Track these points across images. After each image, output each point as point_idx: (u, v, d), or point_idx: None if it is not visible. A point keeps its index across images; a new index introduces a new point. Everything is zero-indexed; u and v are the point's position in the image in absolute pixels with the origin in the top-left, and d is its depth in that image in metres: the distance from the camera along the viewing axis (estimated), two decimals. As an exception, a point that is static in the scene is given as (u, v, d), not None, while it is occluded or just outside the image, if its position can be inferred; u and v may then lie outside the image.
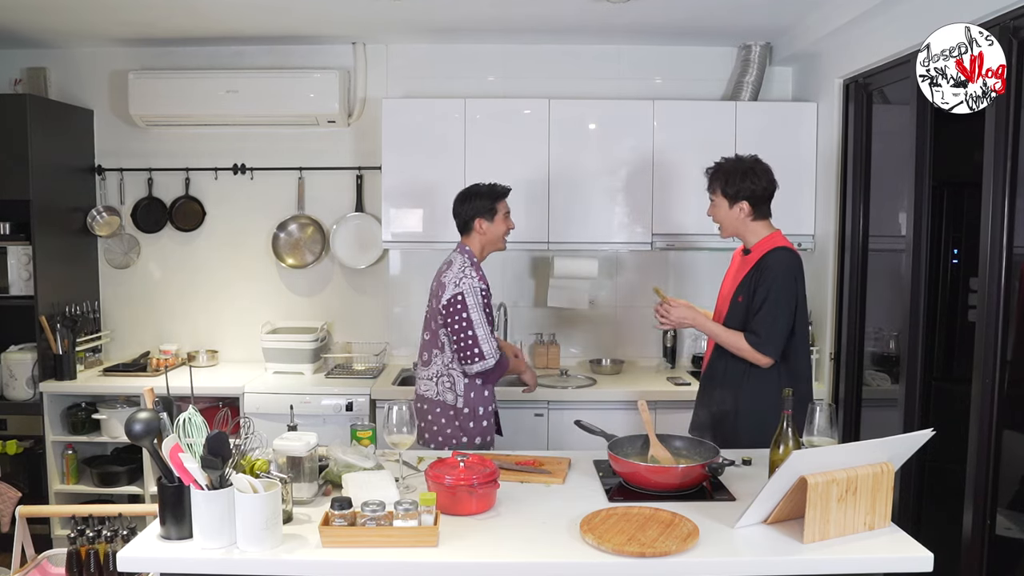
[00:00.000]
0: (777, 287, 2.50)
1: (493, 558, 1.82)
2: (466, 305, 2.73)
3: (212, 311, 4.19)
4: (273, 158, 4.09)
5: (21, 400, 3.69)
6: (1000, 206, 2.37)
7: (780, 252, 2.56)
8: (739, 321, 2.59)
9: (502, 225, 2.88)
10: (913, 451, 1.97)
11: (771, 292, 2.50)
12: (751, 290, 2.55)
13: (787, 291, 2.52)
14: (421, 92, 4.00)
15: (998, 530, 2.44)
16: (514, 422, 3.50)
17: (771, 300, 2.50)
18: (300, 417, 2.70)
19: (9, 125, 3.57)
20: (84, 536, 2.38)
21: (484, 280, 2.82)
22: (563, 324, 4.11)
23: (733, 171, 2.60)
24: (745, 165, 2.61)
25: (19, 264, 3.66)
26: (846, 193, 3.45)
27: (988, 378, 2.42)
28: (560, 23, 3.66)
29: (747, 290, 2.57)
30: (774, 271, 2.51)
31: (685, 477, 2.15)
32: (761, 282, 2.52)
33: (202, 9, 3.43)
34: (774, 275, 2.51)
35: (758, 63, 3.85)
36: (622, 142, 3.70)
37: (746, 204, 2.60)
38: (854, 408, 3.40)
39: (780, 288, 2.50)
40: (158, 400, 2.05)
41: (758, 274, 2.54)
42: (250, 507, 1.78)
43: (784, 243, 2.61)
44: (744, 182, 2.58)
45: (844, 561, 1.80)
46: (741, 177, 2.59)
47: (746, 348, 2.54)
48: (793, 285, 2.53)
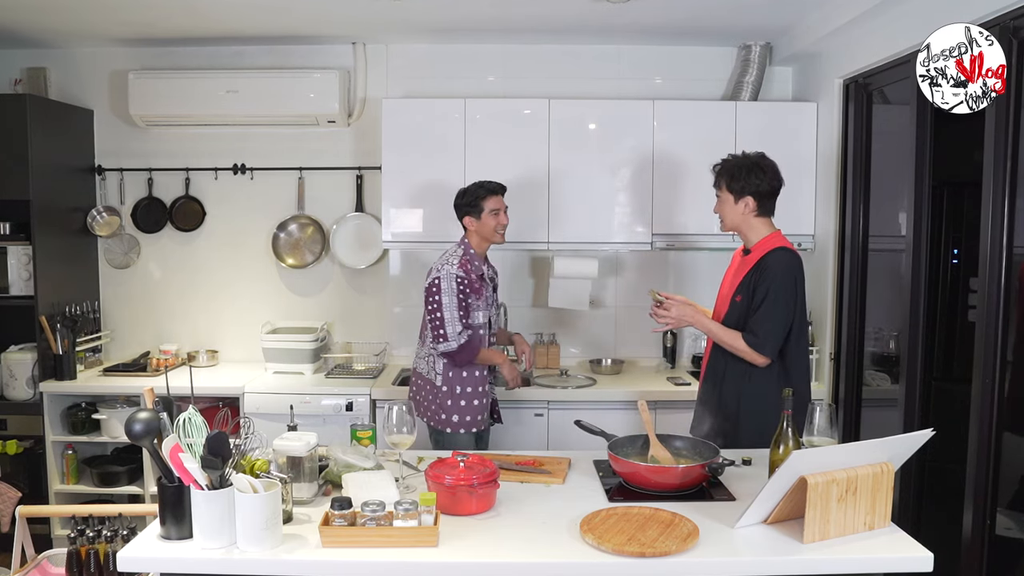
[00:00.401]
0: (776, 287, 2.51)
1: (493, 558, 1.82)
2: (440, 289, 2.93)
3: (212, 311, 4.19)
4: (273, 158, 4.09)
5: (21, 400, 3.69)
6: (1000, 206, 2.37)
7: (780, 252, 2.57)
8: (738, 321, 2.59)
9: (490, 220, 3.00)
10: (913, 451, 1.97)
11: (770, 292, 2.51)
12: (751, 290, 2.56)
13: (787, 291, 2.52)
14: (421, 92, 4.00)
15: (998, 530, 2.44)
16: (514, 422, 3.51)
17: (769, 300, 2.51)
18: (300, 417, 2.70)
19: (9, 125, 3.57)
20: (84, 536, 2.38)
21: (469, 270, 2.97)
22: (563, 324, 4.11)
23: (739, 167, 2.62)
24: (751, 161, 2.63)
25: (19, 264, 3.66)
26: (846, 193, 3.45)
27: (988, 378, 2.42)
28: (560, 23, 3.66)
29: (747, 290, 2.58)
30: (774, 271, 2.53)
31: (685, 477, 2.15)
32: (761, 282, 2.53)
33: (202, 9, 3.43)
34: (774, 275, 2.52)
35: (758, 63, 3.85)
36: (622, 142, 3.70)
37: (751, 200, 2.61)
38: (854, 408, 3.40)
39: (780, 288, 2.51)
40: (158, 400, 2.05)
41: (758, 274, 2.55)
42: (250, 507, 1.78)
43: (784, 243, 2.62)
44: (750, 177, 2.60)
45: (844, 561, 1.80)
46: (747, 173, 2.60)
47: (743, 348, 2.54)
48: (793, 285, 2.54)
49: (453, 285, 2.92)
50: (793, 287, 2.54)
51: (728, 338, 2.57)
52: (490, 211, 3.00)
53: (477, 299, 3.00)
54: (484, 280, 3.05)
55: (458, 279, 2.93)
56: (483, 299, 3.02)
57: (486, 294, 3.05)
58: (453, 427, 3.02)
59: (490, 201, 3.00)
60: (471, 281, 2.97)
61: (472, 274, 2.98)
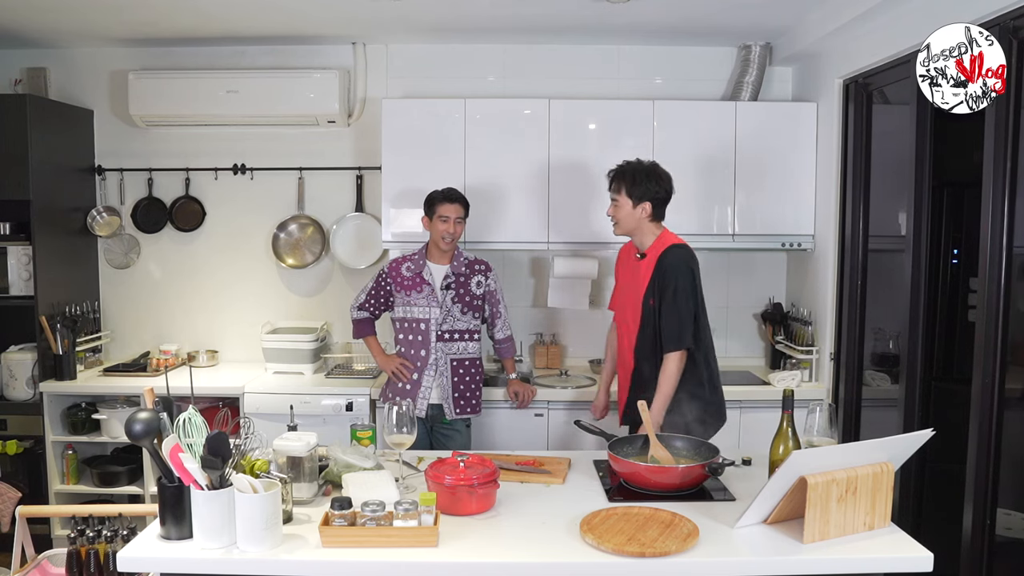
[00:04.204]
0: (679, 283, 2.69)
1: (493, 558, 1.82)
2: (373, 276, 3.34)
3: (212, 311, 4.19)
4: (273, 158, 4.09)
5: (21, 400, 3.69)
6: (1000, 206, 2.37)
7: (673, 249, 2.74)
8: (654, 322, 2.74)
9: (438, 224, 3.16)
10: (913, 451, 1.97)
11: (677, 289, 2.68)
12: (659, 292, 2.72)
13: (685, 282, 2.70)
14: (421, 92, 4.00)
15: (998, 530, 2.44)
16: (514, 422, 3.51)
17: (668, 299, 2.69)
18: (300, 417, 2.70)
19: (9, 125, 3.57)
20: (84, 536, 2.38)
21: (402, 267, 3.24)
22: (563, 324, 4.11)
23: (638, 172, 2.76)
24: (649, 168, 2.79)
25: (19, 264, 3.66)
26: (846, 193, 3.45)
27: (988, 378, 2.42)
28: (560, 23, 3.66)
29: (656, 292, 2.73)
30: (673, 267, 2.71)
31: (685, 477, 2.15)
32: (666, 281, 2.70)
33: (202, 9, 3.43)
34: (674, 271, 2.70)
35: (758, 63, 3.85)
36: (622, 142, 3.69)
37: (648, 205, 2.76)
38: (854, 408, 3.40)
39: (682, 282, 2.69)
40: (158, 400, 2.05)
41: (660, 274, 2.72)
42: (250, 507, 1.78)
43: (674, 239, 2.79)
44: (649, 183, 2.75)
45: (844, 561, 1.80)
46: (646, 178, 2.75)
47: (675, 366, 2.69)
48: (691, 276, 2.72)
49: (377, 276, 3.31)
50: (691, 277, 2.72)
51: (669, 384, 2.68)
52: (439, 216, 3.15)
53: (406, 295, 3.20)
54: (424, 280, 3.19)
55: (384, 273, 3.29)
56: (422, 296, 3.19)
57: (426, 293, 3.19)
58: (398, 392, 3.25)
59: (442, 207, 3.14)
60: (398, 275, 3.24)
61: (406, 271, 3.23)
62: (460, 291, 3.22)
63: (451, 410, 3.21)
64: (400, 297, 3.23)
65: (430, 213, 3.18)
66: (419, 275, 3.21)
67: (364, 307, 3.33)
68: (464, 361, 3.24)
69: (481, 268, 3.28)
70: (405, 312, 3.23)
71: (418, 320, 3.20)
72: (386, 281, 3.27)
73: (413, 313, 3.21)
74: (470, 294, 3.23)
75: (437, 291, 3.19)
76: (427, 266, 3.22)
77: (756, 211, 3.71)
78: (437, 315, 3.18)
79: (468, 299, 3.23)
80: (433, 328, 3.19)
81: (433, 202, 3.17)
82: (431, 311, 3.19)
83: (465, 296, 3.22)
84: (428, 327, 3.19)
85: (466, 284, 3.23)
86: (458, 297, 3.21)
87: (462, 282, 3.23)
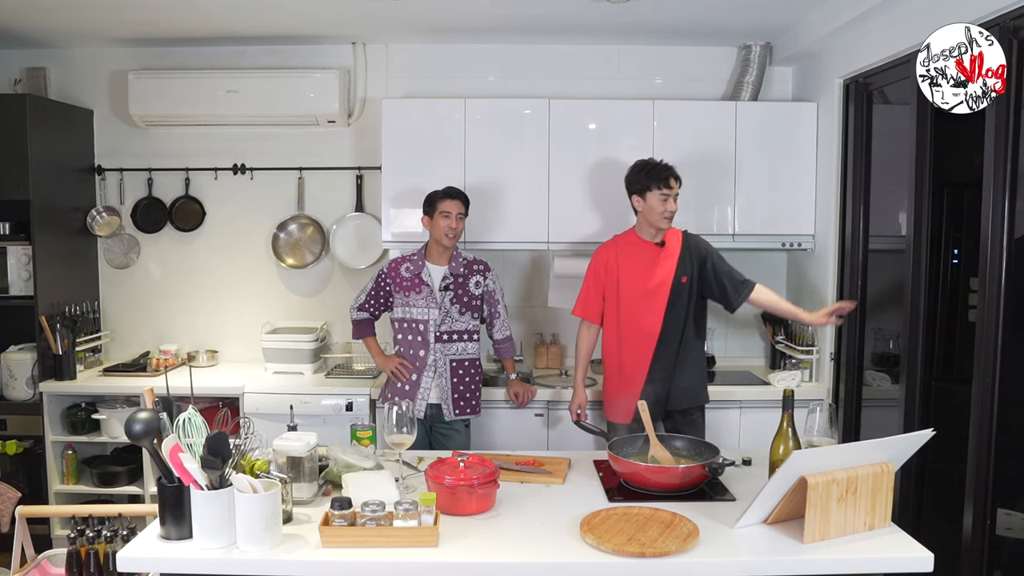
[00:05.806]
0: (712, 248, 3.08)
1: (493, 558, 1.82)
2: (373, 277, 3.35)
3: (212, 311, 4.19)
4: (273, 158, 4.09)
5: (21, 400, 3.69)
6: (1000, 206, 2.37)
7: (688, 234, 3.10)
8: (687, 297, 3.01)
9: (440, 221, 3.17)
10: (913, 451, 1.97)
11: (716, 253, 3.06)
12: (696, 266, 3.02)
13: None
14: (421, 92, 4.00)
15: (998, 530, 2.44)
16: (514, 422, 3.50)
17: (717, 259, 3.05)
18: (300, 417, 2.70)
19: (9, 125, 3.57)
20: (84, 536, 2.38)
21: (401, 267, 3.24)
22: (563, 324, 4.10)
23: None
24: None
25: (19, 264, 3.66)
26: (846, 193, 3.45)
27: (988, 378, 2.42)
28: (560, 23, 3.66)
29: (690, 269, 3.01)
30: (700, 240, 3.10)
31: (685, 477, 2.15)
32: (704, 251, 3.05)
33: (203, 9, 3.43)
34: (703, 242, 3.09)
35: (758, 63, 3.85)
36: (622, 142, 3.69)
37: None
38: (854, 408, 3.40)
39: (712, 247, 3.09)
40: (158, 400, 2.05)
41: (695, 250, 3.04)
42: (250, 507, 1.78)
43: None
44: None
45: (844, 561, 1.80)
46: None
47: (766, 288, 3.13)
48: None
49: (376, 277, 3.32)
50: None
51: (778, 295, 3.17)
52: (441, 212, 3.16)
53: (405, 295, 3.20)
54: (423, 281, 3.19)
55: (383, 274, 3.29)
56: (421, 297, 3.19)
57: (425, 294, 3.18)
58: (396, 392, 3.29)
59: (444, 203, 3.16)
60: (397, 276, 3.24)
61: (405, 272, 3.23)
62: (458, 292, 3.22)
63: (450, 411, 3.21)
64: (399, 298, 3.24)
65: (431, 211, 3.18)
66: (418, 276, 3.22)
67: (364, 308, 3.33)
68: (463, 362, 3.24)
69: (480, 268, 3.28)
70: (404, 313, 3.23)
71: (416, 321, 3.21)
72: (385, 282, 3.28)
73: (412, 314, 3.22)
74: (468, 294, 3.24)
75: (435, 292, 3.19)
76: (426, 267, 3.22)
77: (756, 211, 3.71)
78: (435, 316, 3.19)
79: (466, 299, 3.23)
80: (432, 329, 3.19)
81: (434, 200, 3.18)
82: (429, 312, 3.19)
83: (463, 297, 3.22)
84: (427, 328, 3.19)
85: (464, 284, 3.24)
86: (456, 298, 3.21)
87: (460, 283, 3.23)
